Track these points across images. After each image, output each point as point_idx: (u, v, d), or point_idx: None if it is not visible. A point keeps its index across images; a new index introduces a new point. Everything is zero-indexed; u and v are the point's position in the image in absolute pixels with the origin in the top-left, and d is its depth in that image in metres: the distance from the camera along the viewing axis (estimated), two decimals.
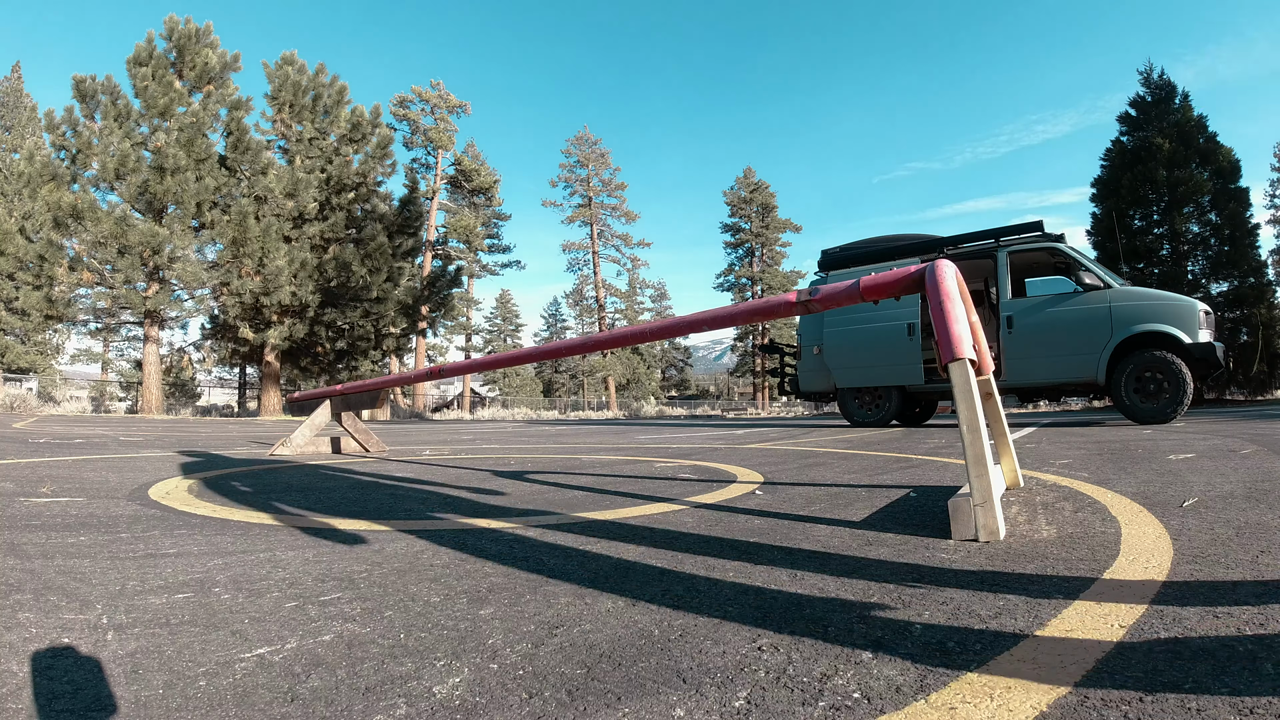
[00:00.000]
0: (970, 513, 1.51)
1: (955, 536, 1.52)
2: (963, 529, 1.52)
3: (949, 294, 1.65)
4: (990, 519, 1.49)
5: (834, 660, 0.81)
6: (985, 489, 1.49)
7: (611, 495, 2.37)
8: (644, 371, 49.59)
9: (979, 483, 1.50)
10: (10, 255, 15.41)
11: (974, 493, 1.50)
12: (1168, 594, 1.04)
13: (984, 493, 1.49)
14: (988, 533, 1.49)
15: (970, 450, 1.50)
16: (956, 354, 1.57)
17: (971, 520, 1.50)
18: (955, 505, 1.54)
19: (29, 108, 32.90)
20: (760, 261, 49.30)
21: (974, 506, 1.50)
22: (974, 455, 1.50)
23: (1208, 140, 19.99)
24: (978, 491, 1.50)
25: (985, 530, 1.49)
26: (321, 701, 0.72)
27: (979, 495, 1.50)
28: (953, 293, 1.66)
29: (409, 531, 1.71)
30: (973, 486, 1.51)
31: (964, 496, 1.55)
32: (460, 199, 43.24)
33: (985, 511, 1.49)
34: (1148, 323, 6.43)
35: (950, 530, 1.55)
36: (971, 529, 1.50)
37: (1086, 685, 0.72)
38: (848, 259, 8.49)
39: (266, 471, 3.27)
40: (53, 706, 0.71)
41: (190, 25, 17.40)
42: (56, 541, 1.54)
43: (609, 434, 8.10)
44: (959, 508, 1.53)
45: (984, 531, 1.49)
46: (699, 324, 2.57)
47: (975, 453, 1.49)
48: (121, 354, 33.48)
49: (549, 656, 0.84)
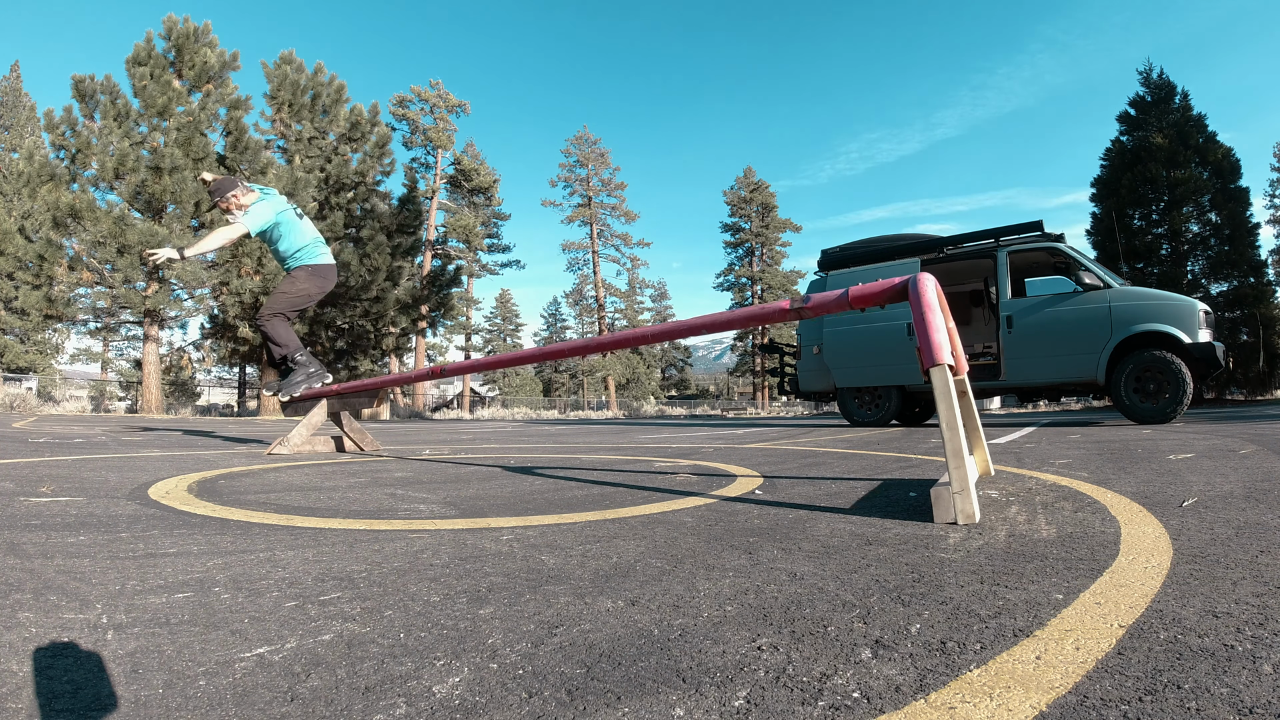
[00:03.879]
0: (950, 499, 1.67)
1: (937, 520, 1.68)
2: (943, 513, 1.68)
3: (929, 304, 1.83)
4: (967, 504, 1.66)
5: (834, 660, 0.81)
6: (963, 478, 1.66)
7: (611, 495, 2.37)
8: (644, 371, 49.61)
9: (957, 473, 1.67)
10: (10, 255, 15.39)
11: (953, 481, 1.68)
12: (1168, 594, 1.04)
13: (962, 482, 1.66)
14: (965, 517, 1.65)
15: (949, 445, 1.68)
16: (937, 360, 1.75)
17: (951, 506, 1.67)
18: (937, 493, 1.70)
19: (28, 107, 32.90)
20: (760, 261, 49.30)
21: (953, 494, 1.66)
22: (952, 449, 1.68)
23: (1207, 140, 19.99)
24: (956, 480, 1.67)
25: (963, 514, 1.65)
26: (321, 701, 0.72)
27: (957, 484, 1.67)
28: (933, 303, 1.83)
29: (409, 531, 1.71)
30: (952, 476, 1.68)
31: (944, 485, 1.71)
32: (460, 199, 43.25)
33: (963, 498, 1.66)
34: (1147, 323, 6.43)
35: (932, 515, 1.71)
36: (951, 513, 1.67)
37: (1086, 685, 0.72)
38: (847, 259, 8.49)
39: (266, 471, 3.26)
40: (52, 706, 0.71)
41: (189, 25, 17.38)
42: (56, 541, 1.54)
43: (609, 434, 8.11)
44: (940, 495, 1.69)
45: (962, 515, 1.65)
46: (698, 328, 2.60)
47: (954, 447, 1.67)
48: (121, 353, 33.44)
49: (549, 656, 0.84)
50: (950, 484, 1.67)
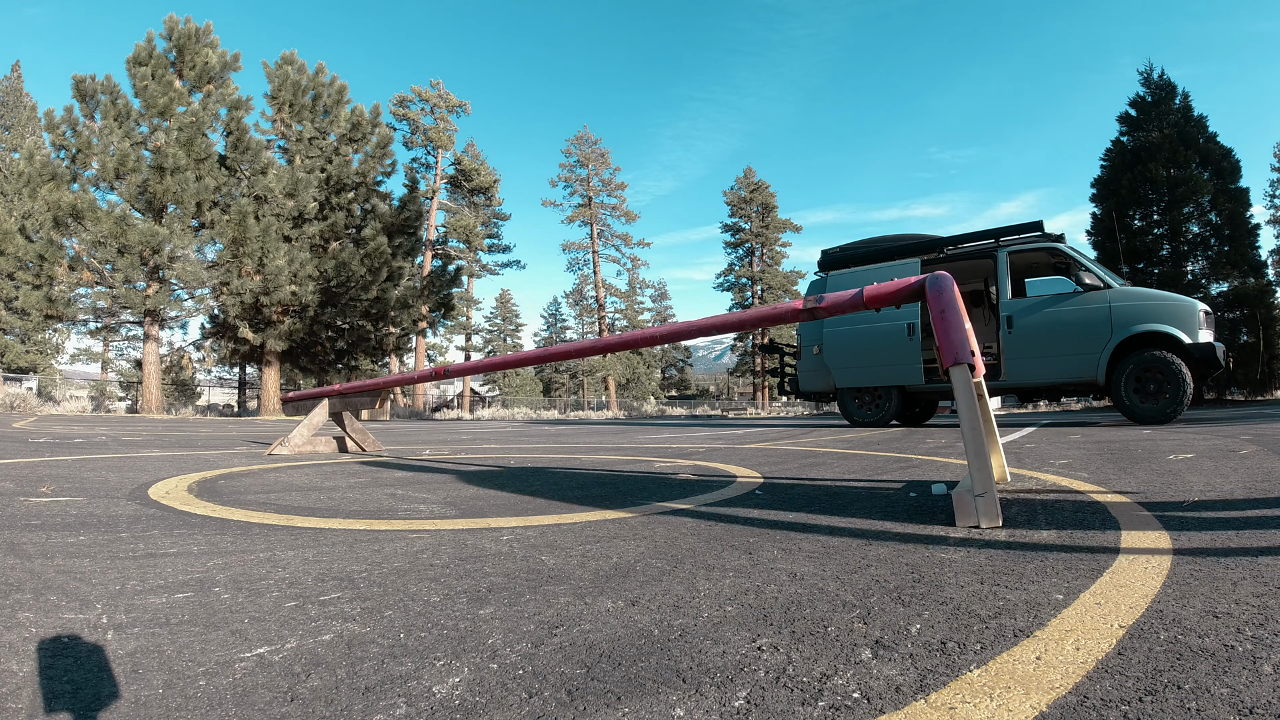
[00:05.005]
0: (973, 503, 1.61)
1: (959, 524, 1.62)
2: (966, 517, 1.62)
3: (949, 303, 1.78)
4: (991, 508, 1.59)
5: (834, 660, 0.81)
6: (986, 480, 1.60)
7: (611, 495, 2.37)
8: (644, 371, 49.60)
9: (980, 475, 1.61)
10: (10, 255, 15.39)
11: (976, 484, 1.61)
12: (1168, 594, 1.04)
13: (985, 484, 1.60)
14: (989, 520, 1.59)
15: (971, 445, 1.62)
16: (958, 359, 1.70)
17: (974, 509, 1.61)
18: (959, 496, 1.64)
19: (29, 107, 32.90)
20: (760, 261, 49.30)
21: (975, 497, 1.60)
22: (975, 450, 1.61)
23: (1208, 140, 19.98)
24: (979, 483, 1.61)
25: (987, 518, 1.59)
26: (321, 701, 0.72)
27: (980, 486, 1.60)
28: (952, 302, 1.79)
29: (409, 531, 1.71)
30: (975, 478, 1.61)
31: (966, 489, 1.65)
32: (460, 199, 43.26)
33: (987, 501, 1.59)
34: (1148, 323, 6.43)
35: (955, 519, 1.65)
36: (974, 517, 1.61)
37: (1087, 685, 0.72)
38: (848, 259, 8.49)
39: (266, 471, 3.26)
40: (52, 706, 0.71)
41: (190, 25, 17.39)
42: (56, 541, 1.54)
43: (609, 434, 8.10)
44: (962, 499, 1.63)
45: (986, 519, 1.59)
46: (708, 329, 2.59)
47: (976, 448, 1.61)
48: (121, 353, 33.45)
49: (549, 656, 0.84)
50: (973, 487, 1.62)
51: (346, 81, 19.89)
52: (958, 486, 1.72)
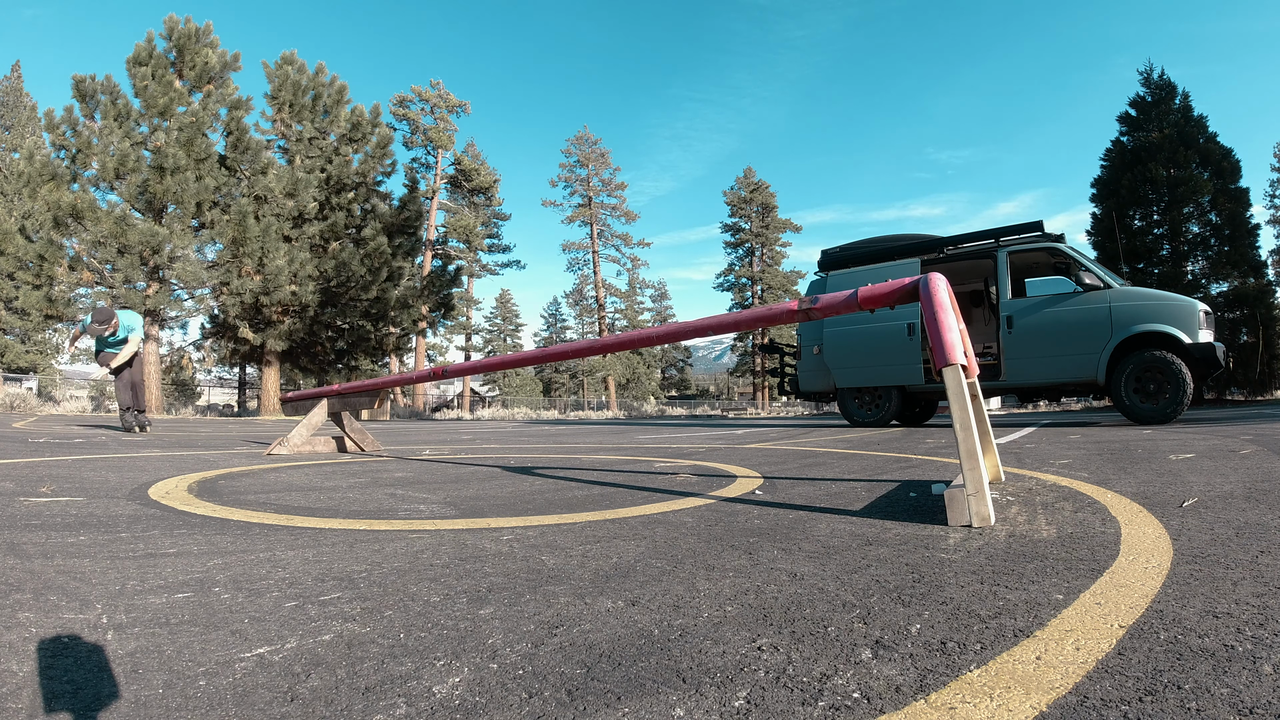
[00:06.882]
0: (964, 502, 1.63)
1: (951, 523, 1.64)
2: (958, 516, 1.64)
3: (942, 304, 1.79)
4: (983, 507, 1.62)
5: (834, 660, 0.81)
6: (978, 480, 1.62)
7: (611, 495, 2.37)
8: (644, 371, 49.60)
9: (972, 475, 1.63)
10: (10, 255, 15.38)
11: (967, 483, 1.63)
12: (1168, 594, 1.04)
13: (976, 484, 1.62)
14: (980, 519, 1.61)
15: (963, 446, 1.64)
16: (950, 360, 1.72)
17: (966, 508, 1.63)
18: (951, 495, 1.66)
19: (29, 107, 32.90)
20: (760, 261, 49.30)
21: (967, 496, 1.62)
22: (966, 450, 1.63)
23: (1208, 140, 19.98)
24: (970, 482, 1.63)
25: (978, 517, 1.61)
26: (321, 701, 0.72)
27: (972, 486, 1.63)
28: (945, 303, 1.80)
29: (409, 531, 1.71)
30: (966, 478, 1.64)
31: (958, 488, 1.67)
32: (460, 199, 43.27)
33: (978, 500, 1.62)
34: (1148, 323, 6.43)
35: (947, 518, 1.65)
36: (966, 516, 1.63)
37: (1087, 685, 0.72)
38: (847, 259, 8.48)
39: (266, 471, 3.26)
40: (52, 706, 0.71)
41: (190, 25, 17.38)
42: (56, 541, 1.54)
43: (609, 434, 8.10)
44: (954, 498, 1.65)
45: (977, 518, 1.61)
46: (704, 329, 2.59)
47: (968, 448, 1.63)
48: None
49: (549, 656, 0.84)
50: (964, 486, 1.64)
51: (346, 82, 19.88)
52: (950, 486, 1.74)
